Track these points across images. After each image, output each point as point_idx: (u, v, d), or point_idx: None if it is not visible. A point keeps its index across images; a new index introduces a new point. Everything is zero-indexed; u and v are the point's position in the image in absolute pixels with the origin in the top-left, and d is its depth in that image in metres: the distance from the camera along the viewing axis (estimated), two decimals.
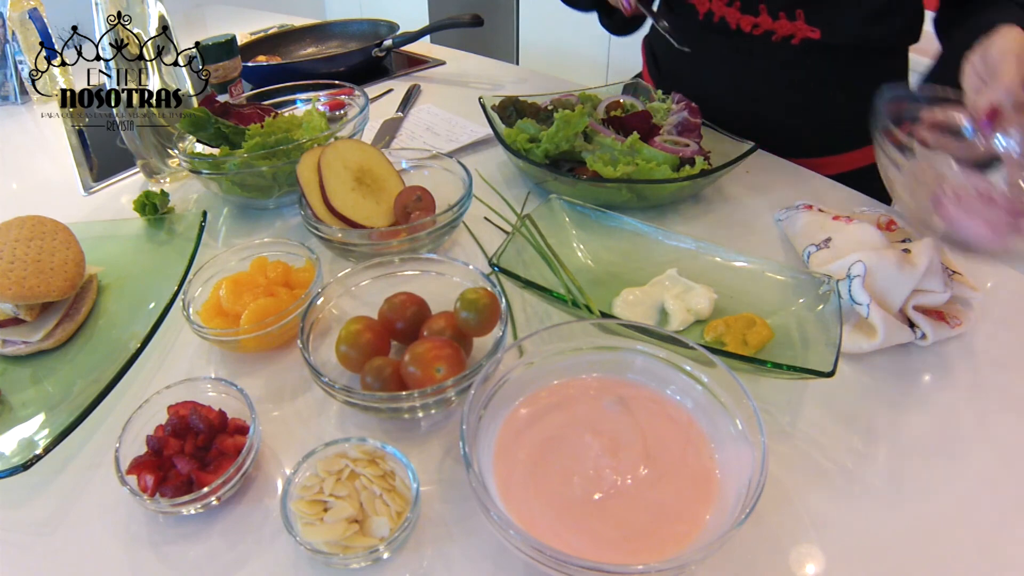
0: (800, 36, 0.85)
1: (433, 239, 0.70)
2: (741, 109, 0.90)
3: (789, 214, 0.75)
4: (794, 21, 0.84)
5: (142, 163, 0.93)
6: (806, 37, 0.85)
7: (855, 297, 0.59)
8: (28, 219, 0.68)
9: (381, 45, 1.33)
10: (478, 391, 0.45)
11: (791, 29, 0.85)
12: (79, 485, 0.51)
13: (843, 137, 0.95)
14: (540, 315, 0.65)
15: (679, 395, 0.49)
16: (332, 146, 0.73)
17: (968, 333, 0.61)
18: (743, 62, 0.92)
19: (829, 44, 0.85)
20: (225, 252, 0.67)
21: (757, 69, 0.92)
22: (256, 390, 0.58)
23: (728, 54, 0.92)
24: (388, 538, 0.43)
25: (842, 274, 0.61)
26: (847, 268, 0.61)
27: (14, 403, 0.58)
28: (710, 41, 0.92)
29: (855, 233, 0.66)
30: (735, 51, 0.91)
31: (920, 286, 0.60)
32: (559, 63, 2.52)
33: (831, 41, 0.84)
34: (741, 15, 0.87)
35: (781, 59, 0.88)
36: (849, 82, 0.89)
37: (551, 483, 0.43)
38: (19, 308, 0.63)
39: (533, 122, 0.86)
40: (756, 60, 0.90)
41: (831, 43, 0.84)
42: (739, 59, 0.92)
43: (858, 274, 0.60)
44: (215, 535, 0.47)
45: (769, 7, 0.85)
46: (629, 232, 0.70)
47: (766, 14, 0.85)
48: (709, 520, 0.41)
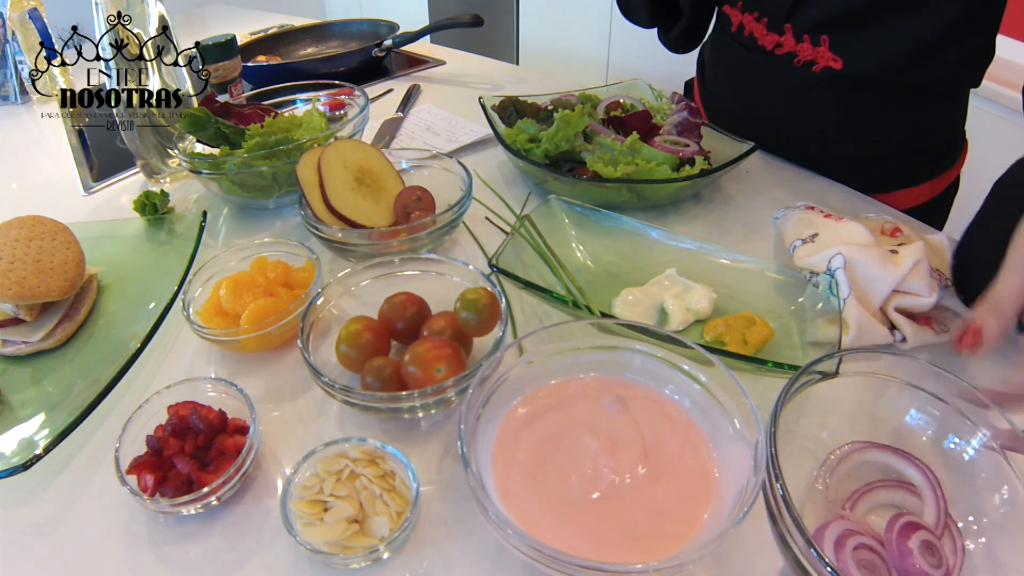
0: (822, 64, 0.79)
1: (433, 239, 0.70)
2: (769, 127, 0.87)
3: (787, 212, 0.75)
4: (817, 47, 0.79)
5: (142, 163, 0.93)
6: (828, 66, 0.79)
7: (833, 290, 0.59)
8: (28, 219, 0.68)
9: (381, 45, 1.33)
10: (476, 391, 0.45)
11: (813, 55, 0.79)
12: (79, 485, 0.52)
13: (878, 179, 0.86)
14: (540, 315, 0.65)
15: (678, 394, 0.49)
16: (332, 146, 0.73)
17: None
18: (769, 80, 0.87)
19: (853, 76, 0.78)
20: (225, 252, 0.67)
21: (780, 90, 0.86)
22: (256, 390, 0.58)
23: (755, 70, 0.88)
24: (388, 538, 0.43)
25: (822, 267, 0.62)
26: (827, 260, 0.61)
27: (14, 403, 0.58)
28: (741, 55, 0.89)
29: (842, 229, 0.66)
30: (761, 68, 0.87)
31: (902, 287, 0.60)
32: (559, 63, 2.52)
33: (854, 73, 0.78)
34: (767, 32, 0.83)
35: (802, 84, 0.83)
36: (883, 120, 0.83)
37: (550, 482, 0.44)
38: (19, 308, 0.63)
39: (533, 122, 0.86)
40: (779, 81, 0.86)
41: (855, 76, 0.78)
42: (766, 77, 0.87)
43: (838, 267, 0.60)
44: (215, 535, 0.47)
45: (795, 28, 0.80)
46: (629, 232, 0.70)
47: (790, 34, 0.80)
48: (707, 519, 0.41)
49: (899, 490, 0.45)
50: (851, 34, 0.77)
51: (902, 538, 0.40)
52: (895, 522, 0.41)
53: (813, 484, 0.46)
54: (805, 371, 0.44)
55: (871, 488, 0.45)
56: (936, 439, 0.46)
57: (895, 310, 0.60)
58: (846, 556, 0.40)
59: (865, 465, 0.46)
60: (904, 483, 0.45)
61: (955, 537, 0.42)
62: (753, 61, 0.87)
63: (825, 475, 0.46)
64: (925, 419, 0.46)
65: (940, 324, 0.60)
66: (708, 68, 1.03)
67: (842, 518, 0.43)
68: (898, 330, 0.59)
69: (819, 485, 0.45)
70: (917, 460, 0.45)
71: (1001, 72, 1.49)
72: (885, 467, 0.46)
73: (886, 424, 0.47)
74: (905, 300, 0.60)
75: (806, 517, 0.44)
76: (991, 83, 1.43)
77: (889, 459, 0.46)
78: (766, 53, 0.84)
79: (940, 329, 0.60)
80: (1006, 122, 1.42)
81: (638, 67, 1.20)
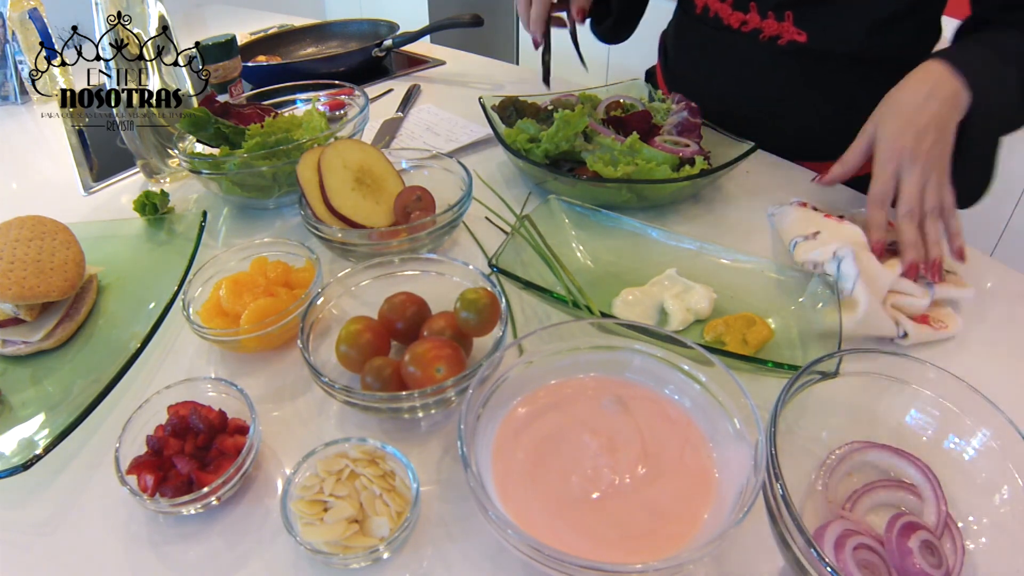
0: (787, 38, 0.84)
1: (433, 239, 0.70)
2: (736, 107, 0.91)
3: (782, 209, 0.75)
4: (782, 22, 0.84)
5: (142, 163, 0.93)
6: (792, 39, 0.84)
7: (843, 272, 0.60)
8: (28, 219, 0.68)
9: (381, 45, 1.33)
10: (476, 391, 0.45)
11: (778, 29, 0.85)
12: (79, 485, 0.52)
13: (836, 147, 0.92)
14: (540, 315, 0.65)
15: (677, 394, 0.49)
16: (332, 146, 0.73)
17: (965, 331, 0.61)
18: (736, 59, 0.92)
19: (817, 49, 0.83)
20: (225, 252, 0.67)
21: (748, 67, 0.91)
22: (256, 390, 0.58)
23: (722, 50, 0.93)
24: (388, 538, 0.43)
25: (828, 255, 0.62)
26: (833, 251, 0.62)
27: (14, 403, 0.58)
28: (706, 37, 0.93)
29: (844, 230, 0.67)
30: (728, 48, 0.91)
31: (896, 287, 0.60)
32: (559, 63, 2.52)
33: (818, 46, 0.83)
34: (732, 11, 0.88)
35: (768, 59, 0.88)
36: (844, 91, 0.87)
37: (549, 482, 0.44)
38: (19, 308, 0.63)
39: (533, 122, 0.86)
40: (746, 58, 0.90)
41: (819, 48, 0.83)
42: (733, 56, 0.92)
43: (846, 255, 0.60)
44: (215, 535, 0.47)
45: (759, 5, 0.85)
46: (628, 232, 0.70)
47: (755, 12, 0.85)
48: (707, 519, 0.41)
49: (899, 490, 0.45)
50: (814, 8, 0.82)
51: (902, 538, 0.40)
52: (895, 522, 0.41)
53: (813, 484, 0.46)
54: (805, 371, 0.44)
55: (871, 488, 0.45)
56: (936, 439, 0.46)
57: (892, 307, 0.60)
58: (846, 556, 0.40)
59: (865, 465, 0.46)
60: (904, 483, 0.45)
61: (955, 537, 0.42)
62: (719, 41, 0.92)
63: (825, 475, 0.46)
64: (925, 419, 0.46)
65: (938, 321, 0.60)
66: (672, 53, 1.07)
67: (842, 518, 0.43)
68: (899, 325, 0.59)
69: (819, 485, 0.45)
70: (917, 460, 0.45)
71: None
72: (885, 467, 0.46)
73: (886, 424, 0.47)
74: (901, 299, 0.60)
75: (806, 517, 0.44)
76: None
77: (889, 459, 0.46)
78: (732, 31, 0.89)
79: (938, 325, 0.60)
80: None
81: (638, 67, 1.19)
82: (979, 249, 0.72)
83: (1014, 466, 0.41)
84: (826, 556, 0.35)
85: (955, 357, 0.59)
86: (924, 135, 0.63)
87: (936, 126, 0.63)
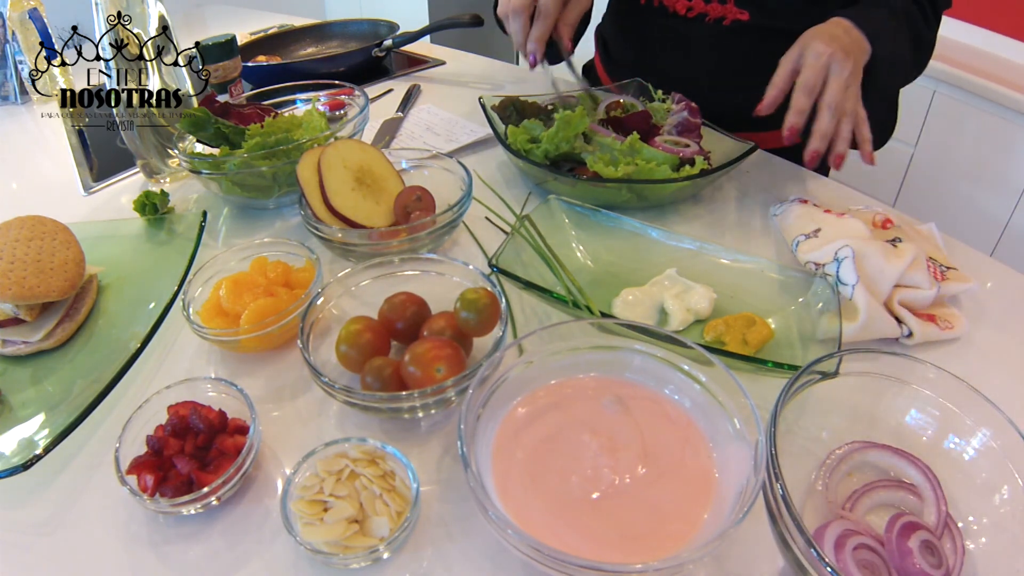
0: (730, 18, 0.89)
1: (433, 239, 0.70)
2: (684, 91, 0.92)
3: (784, 208, 0.75)
4: (725, 4, 0.89)
5: (142, 163, 0.93)
6: (736, 19, 0.89)
7: (842, 278, 0.59)
8: (28, 219, 0.68)
9: (381, 45, 1.33)
10: (476, 391, 0.45)
11: (721, 11, 0.90)
12: (79, 485, 0.52)
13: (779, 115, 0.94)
14: (540, 315, 0.65)
15: (677, 394, 0.49)
16: (332, 146, 0.73)
17: (968, 333, 0.61)
18: (683, 45, 0.96)
19: (759, 26, 0.88)
20: (225, 252, 0.67)
21: (695, 51, 0.95)
22: (256, 390, 0.58)
23: (669, 37, 0.97)
24: (388, 538, 0.43)
25: (829, 258, 0.62)
26: (834, 252, 0.62)
27: (14, 403, 0.58)
28: (653, 25, 0.97)
29: (845, 224, 0.67)
30: (675, 34, 0.95)
31: (903, 280, 0.60)
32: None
33: (760, 23, 0.88)
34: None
35: (715, 41, 0.92)
36: None
37: (549, 482, 0.44)
38: (19, 308, 0.63)
39: (533, 122, 0.86)
40: (693, 42, 0.94)
41: (761, 25, 0.88)
42: (679, 42, 0.96)
43: (846, 256, 0.60)
44: (215, 535, 0.47)
45: None
46: (629, 232, 0.70)
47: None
48: (707, 519, 0.41)
49: (899, 490, 0.45)
50: None
51: (902, 538, 0.40)
52: (895, 522, 0.41)
53: (813, 484, 0.46)
54: (805, 371, 0.44)
55: (871, 488, 0.45)
56: (936, 439, 0.46)
57: (899, 304, 0.60)
58: (846, 556, 0.40)
59: (865, 465, 0.46)
60: (904, 483, 0.45)
61: (955, 537, 0.42)
62: (666, 28, 0.96)
63: (825, 475, 0.46)
64: (925, 419, 0.46)
65: (944, 321, 0.60)
66: (612, 44, 1.11)
67: (842, 518, 0.43)
68: (904, 324, 0.59)
69: (819, 485, 0.45)
70: (917, 460, 0.45)
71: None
72: (885, 467, 0.46)
73: (886, 424, 0.47)
74: (908, 294, 0.60)
75: (806, 517, 0.44)
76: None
77: (889, 459, 0.46)
78: (678, 17, 0.94)
79: (944, 325, 0.60)
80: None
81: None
82: (979, 249, 0.72)
83: (1014, 466, 0.41)
84: (826, 556, 0.35)
85: (955, 357, 0.59)
86: (849, 52, 0.68)
87: (855, 52, 0.69)
